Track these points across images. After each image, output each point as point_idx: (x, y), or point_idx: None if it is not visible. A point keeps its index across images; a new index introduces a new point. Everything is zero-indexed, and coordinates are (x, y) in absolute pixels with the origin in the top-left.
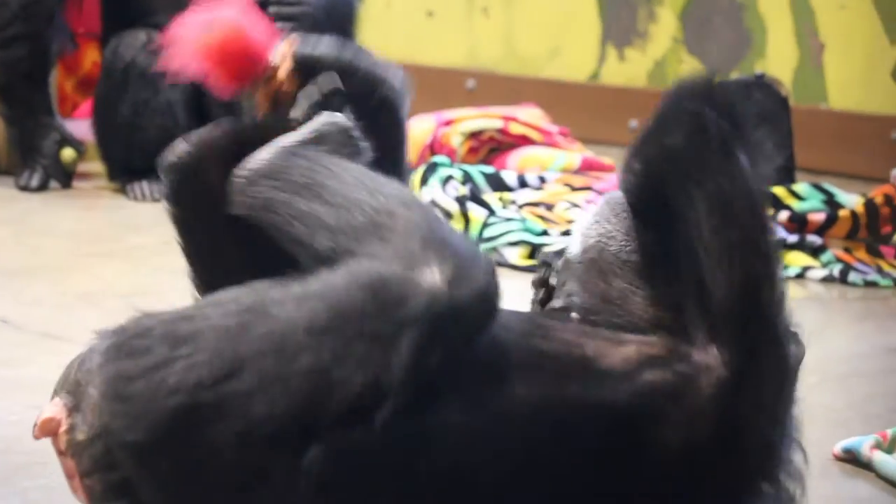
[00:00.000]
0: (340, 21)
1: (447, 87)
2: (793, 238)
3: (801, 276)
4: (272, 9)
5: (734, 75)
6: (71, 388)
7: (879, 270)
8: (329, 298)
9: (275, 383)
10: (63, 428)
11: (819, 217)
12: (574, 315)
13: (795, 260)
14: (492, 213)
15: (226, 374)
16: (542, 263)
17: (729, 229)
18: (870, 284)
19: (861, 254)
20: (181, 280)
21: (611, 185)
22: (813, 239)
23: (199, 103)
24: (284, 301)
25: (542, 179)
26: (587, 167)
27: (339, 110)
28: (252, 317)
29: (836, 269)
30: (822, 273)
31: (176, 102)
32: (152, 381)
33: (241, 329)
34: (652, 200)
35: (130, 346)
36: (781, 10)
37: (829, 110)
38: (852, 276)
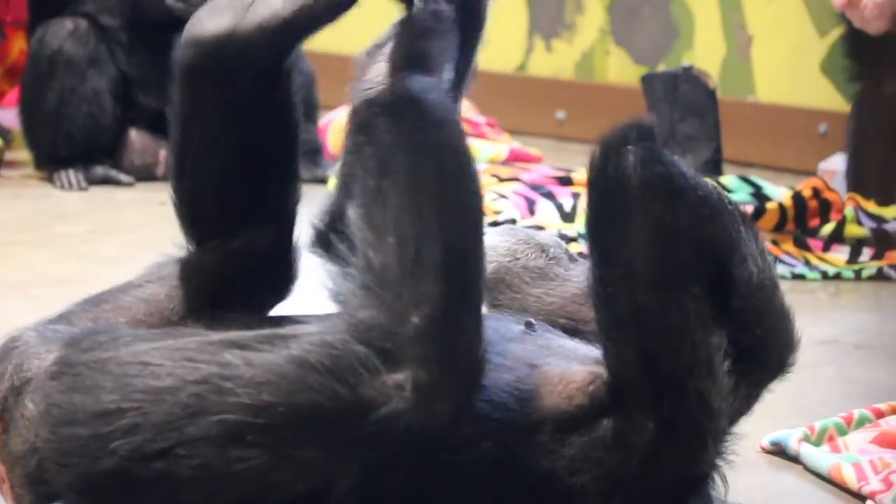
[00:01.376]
0: None
1: None
2: None
3: None
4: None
5: (662, 67)
6: (6, 390)
7: (807, 263)
8: (287, 388)
9: (214, 475)
10: None
11: (747, 209)
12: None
13: None
14: None
15: (168, 453)
16: None
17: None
18: (797, 277)
19: (788, 246)
20: (109, 268)
21: (538, 176)
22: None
23: (125, 91)
24: (244, 379)
25: None
26: (514, 158)
27: None
28: (208, 392)
29: None
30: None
31: (102, 91)
32: (95, 430)
33: (193, 405)
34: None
35: (80, 375)
36: (709, 2)
37: (756, 103)
38: (780, 269)
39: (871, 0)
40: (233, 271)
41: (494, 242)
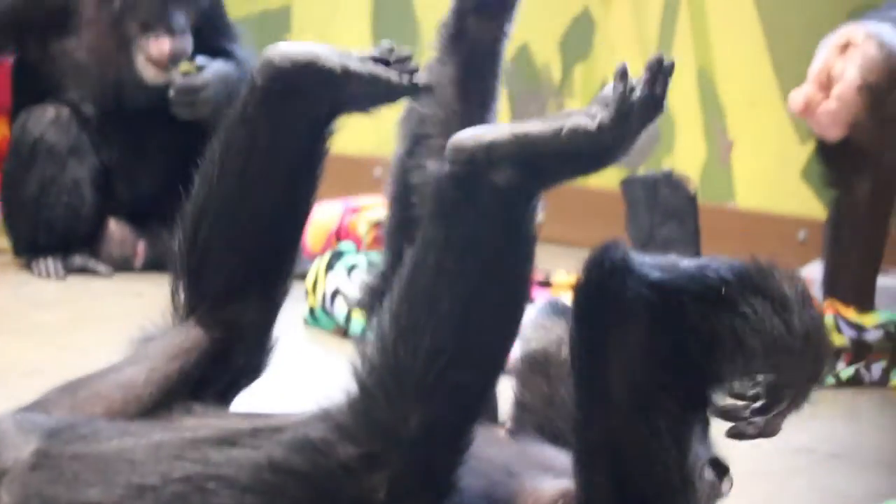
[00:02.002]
0: None
1: (354, 174)
2: None
3: None
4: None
5: (642, 171)
6: None
7: None
8: (270, 492)
9: None
10: None
11: None
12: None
13: None
14: None
15: None
16: None
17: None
18: None
19: None
20: (85, 358)
21: None
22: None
23: (105, 181)
24: (228, 479)
25: None
26: None
27: None
28: (191, 491)
29: None
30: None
31: (82, 181)
32: None
33: None
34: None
35: (61, 468)
36: (691, 106)
37: (736, 209)
38: None
39: (825, 107)
40: (213, 350)
41: (544, 323)
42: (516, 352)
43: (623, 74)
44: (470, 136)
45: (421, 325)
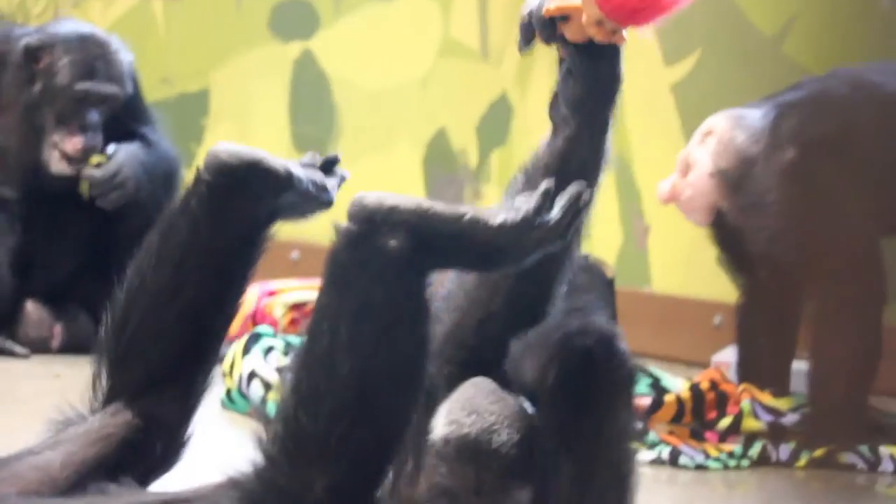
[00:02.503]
0: (161, 188)
1: (271, 258)
2: None
3: None
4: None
5: None
6: None
7: (706, 454)
8: None
9: None
10: None
11: (644, 401)
12: None
13: None
14: None
15: None
16: None
17: None
18: (700, 468)
19: (686, 439)
20: (3, 438)
21: None
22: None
23: (24, 263)
24: None
25: None
26: None
27: None
28: None
29: (665, 452)
30: (651, 455)
31: (1, 262)
32: None
33: None
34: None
35: None
36: (607, 191)
37: (651, 293)
38: (683, 459)
39: (685, 195)
40: (131, 438)
41: (478, 406)
42: (444, 431)
43: (546, 193)
44: (375, 196)
45: (321, 391)
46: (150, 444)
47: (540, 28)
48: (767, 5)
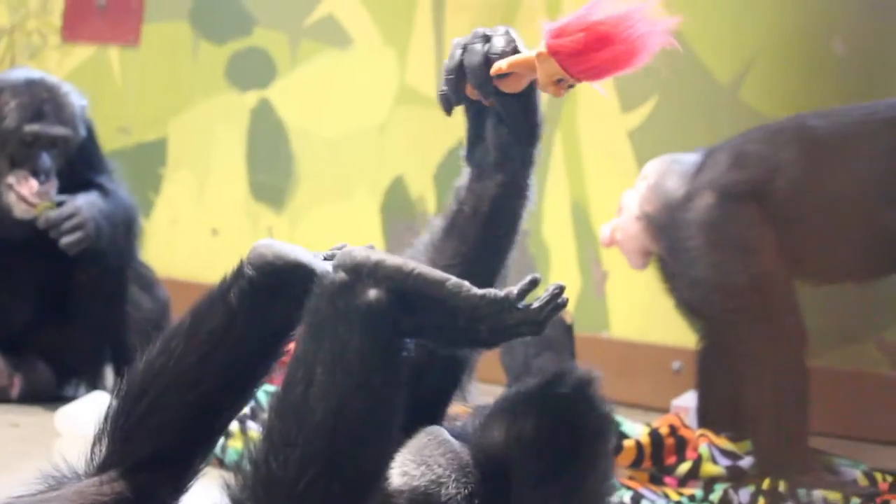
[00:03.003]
0: (120, 236)
1: None
2: None
3: None
4: (51, 230)
5: None
6: None
7: (667, 498)
8: None
9: None
10: None
11: None
12: None
13: None
14: None
15: None
16: None
17: None
18: None
19: (645, 483)
20: None
21: None
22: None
23: None
24: None
25: None
26: None
27: None
28: None
29: (627, 497)
30: (613, 501)
31: None
32: None
33: None
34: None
35: None
36: (565, 237)
37: (610, 339)
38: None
39: (617, 238)
40: None
41: (427, 458)
42: (397, 483)
43: (532, 282)
44: (362, 250)
45: (292, 437)
46: None
47: (479, 83)
48: (723, 52)
